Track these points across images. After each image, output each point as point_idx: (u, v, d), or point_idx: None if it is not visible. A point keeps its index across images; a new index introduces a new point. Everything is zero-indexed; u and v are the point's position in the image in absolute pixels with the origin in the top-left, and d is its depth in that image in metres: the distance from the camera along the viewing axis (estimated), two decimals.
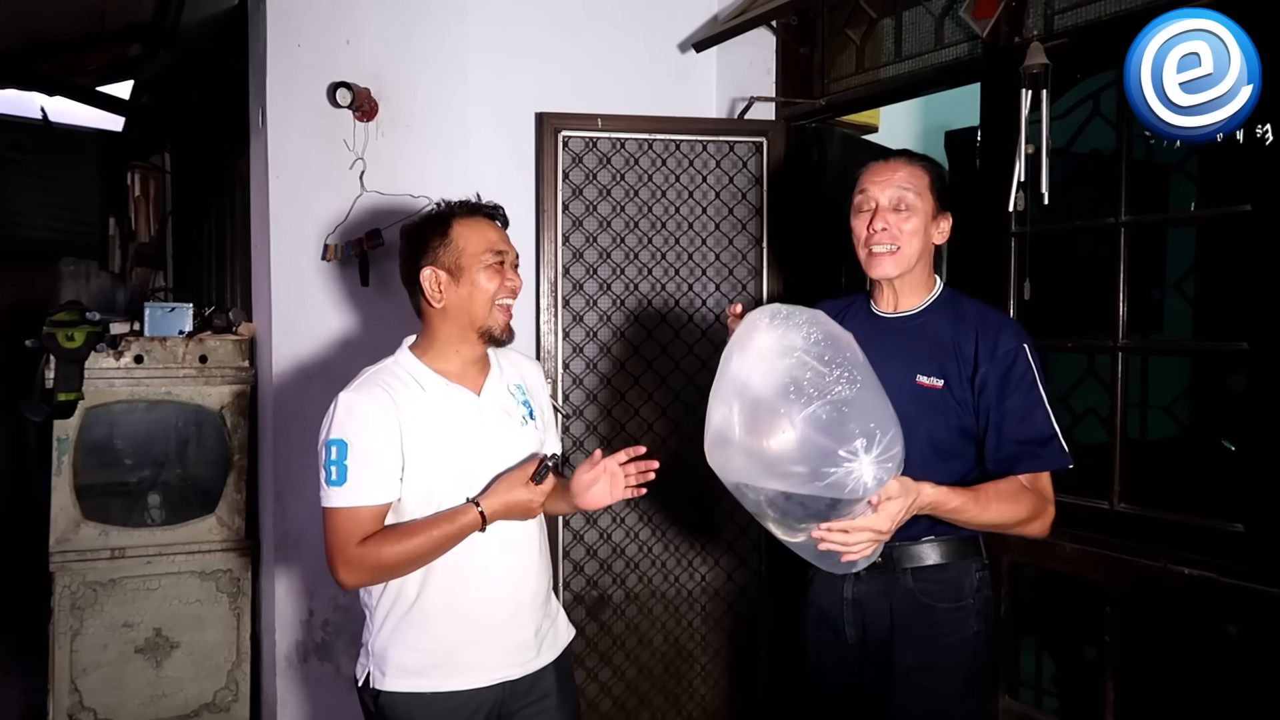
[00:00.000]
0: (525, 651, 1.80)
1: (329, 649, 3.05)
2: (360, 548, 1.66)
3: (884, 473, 1.46)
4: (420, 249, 1.77)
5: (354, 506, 1.67)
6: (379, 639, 1.76)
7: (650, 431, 3.04)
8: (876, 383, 1.55)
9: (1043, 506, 1.74)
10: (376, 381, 1.73)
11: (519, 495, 1.73)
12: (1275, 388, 1.88)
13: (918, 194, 1.82)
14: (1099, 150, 2.53)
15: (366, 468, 1.67)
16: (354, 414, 1.68)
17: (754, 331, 1.56)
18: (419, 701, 1.72)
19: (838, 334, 1.58)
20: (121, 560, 3.15)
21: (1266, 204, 1.88)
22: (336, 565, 1.67)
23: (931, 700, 1.77)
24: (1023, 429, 1.74)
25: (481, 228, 1.78)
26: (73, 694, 3.09)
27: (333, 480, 1.67)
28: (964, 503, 1.68)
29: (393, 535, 1.68)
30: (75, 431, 3.13)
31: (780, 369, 1.49)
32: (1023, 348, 1.76)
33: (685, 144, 3.06)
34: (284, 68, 2.97)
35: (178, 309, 3.31)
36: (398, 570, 1.70)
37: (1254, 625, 1.90)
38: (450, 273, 1.75)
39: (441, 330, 1.79)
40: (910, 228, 1.82)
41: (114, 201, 5.88)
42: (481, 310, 1.75)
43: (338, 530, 1.67)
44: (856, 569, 1.65)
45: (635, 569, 3.07)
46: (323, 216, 2.96)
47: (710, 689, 3.12)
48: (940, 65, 2.60)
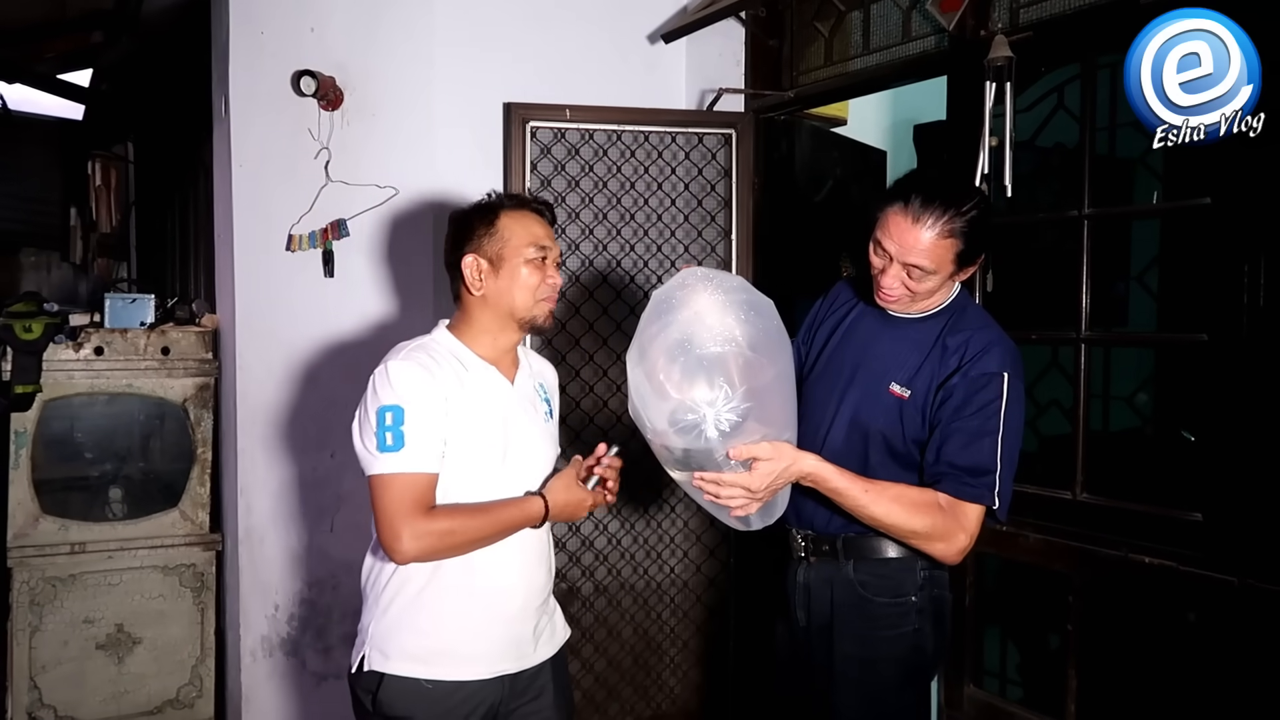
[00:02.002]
0: (525, 646, 1.78)
1: (295, 643, 3.02)
2: (429, 516, 1.62)
3: (727, 425, 1.53)
4: (465, 235, 1.76)
5: (415, 473, 1.62)
6: (384, 621, 1.71)
7: (619, 424, 3.03)
8: (781, 365, 1.61)
9: (951, 531, 1.66)
10: (419, 355, 1.71)
11: (576, 494, 1.76)
12: (1233, 379, 1.91)
13: (936, 268, 1.69)
14: (1063, 144, 2.55)
15: (424, 434, 1.63)
16: (407, 381, 1.65)
17: (684, 289, 1.62)
18: (421, 689, 1.67)
19: (760, 304, 1.63)
20: (82, 555, 3.10)
21: (1225, 197, 1.91)
22: (400, 531, 1.59)
23: (866, 690, 1.77)
24: (963, 454, 1.67)
25: (528, 221, 1.77)
26: (32, 691, 3.04)
27: (388, 446, 1.61)
28: (847, 487, 1.65)
29: (463, 510, 1.66)
30: (34, 425, 3.07)
31: (694, 325, 1.55)
32: (1000, 375, 1.68)
33: (654, 135, 3.05)
34: (247, 55, 2.93)
35: (139, 300, 3.26)
36: (460, 547, 1.66)
37: (1211, 613, 1.93)
38: (492, 262, 1.74)
39: (480, 317, 1.77)
40: (923, 288, 1.73)
41: (75, 191, 5.79)
42: (524, 302, 1.75)
43: (399, 497, 1.61)
44: (750, 527, 1.68)
45: (604, 561, 3.06)
46: (287, 206, 2.92)
47: (679, 681, 3.13)
48: (908, 58, 2.61)
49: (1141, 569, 2.04)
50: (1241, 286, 1.88)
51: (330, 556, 3.00)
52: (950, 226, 1.66)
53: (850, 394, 1.80)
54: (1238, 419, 1.90)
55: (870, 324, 1.87)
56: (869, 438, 1.77)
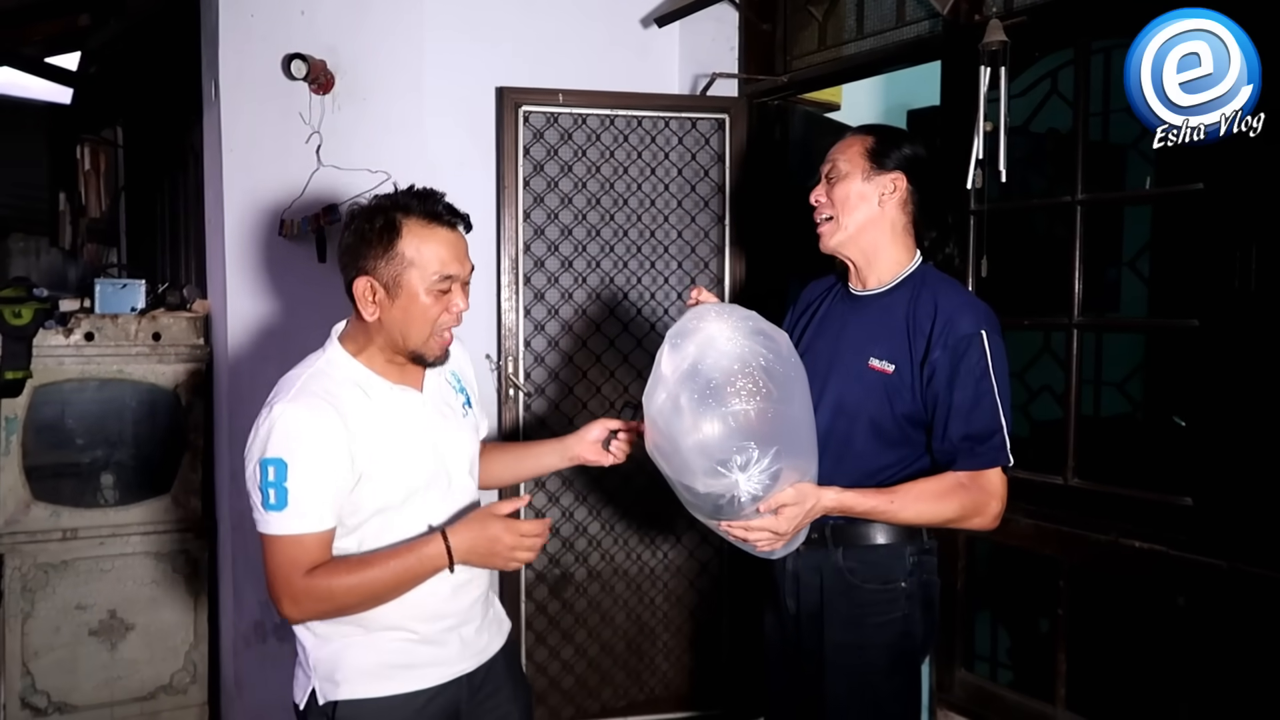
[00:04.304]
0: (477, 642, 1.71)
1: (288, 630, 3.01)
2: (308, 579, 1.48)
3: (759, 488, 1.53)
4: (359, 252, 1.54)
5: (298, 534, 1.48)
6: (326, 649, 1.59)
7: (612, 410, 3.03)
8: (799, 396, 1.60)
9: (983, 503, 1.69)
10: (314, 390, 1.53)
11: (491, 531, 1.54)
12: (1225, 365, 1.91)
13: (848, 160, 1.80)
14: (1056, 129, 2.55)
15: (310, 490, 1.48)
16: (294, 429, 1.48)
17: (702, 323, 1.59)
18: (380, 706, 1.57)
19: (777, 339, 1.61)
20: (74, 541, 3.09)
21: (1217, 182, 1.91)
22: (281, 598, 1.50)
23: (856, 676, 1.79)
24: (967, 424, 1.69)
25: (435, 241, 1.53)
26: (25, 677, 3.04)
27: (271, 504, 1.47)
28: (876, 504, 1.67)
29: (345, 566, 1.51)
30: (24, 411, 3.06)
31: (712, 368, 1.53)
32: (979, 334, 1.69)
33: (648, 120, 3.04)
34: (237, 38, 2.90)
35: (130, 285, 3.24)
36: (352, 606, 1.52)
37: (1201, 596, 1.94)
38: (387, 288, 1.53)
39: (375, 337, 1.59)
40: (839, 194, 1.80)
41: (64, 176, 5.73)
42: (417, 335, 1.56)
43: (280, 559, 1.49)
44: (775, 556, 1.69)
45: (598, 547, 3.07)
46: (278, 191, 2.90)
47: (672, 665, 3.14)
48: (901, 43, 2.60)
49: (1132, 553, 2.05)
50: (1233, 272, 1.88)
51: None
52: (857, 132, 1.86)
53: (831, 381, 1.80)
54: (1229, 404, 1.91)
55: (839, 310, 1.90)
56: (854, 421, 1.77)
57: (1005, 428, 1.69)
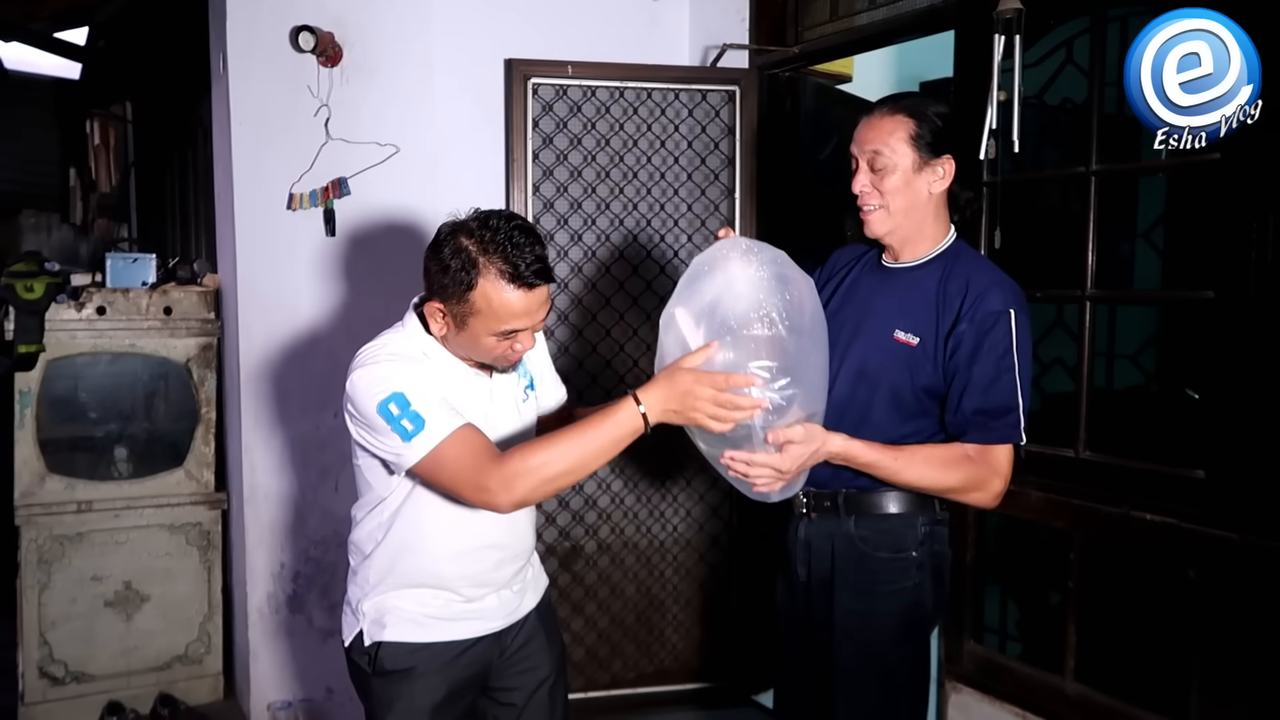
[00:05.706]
0: (513, 600, 1.79)
1: (301, 600, 3.05)
2: (502, 462, 1.47)
3: (777, 401, 1.52)
4: (436, 279, 1.56)
5: (455, 432, 1.50)
6: (375, 596, 1.69)
7: (622, 384, 3.03)
8: (819, 340, 1.59)
9: (985, 478, 1.69)
10: (393, 352, 1.60)
11: (683, 385, 1.46)
12: (1239, 337, 1.90)
13: (893, 150, 1.75)
14: (1070, 99, 2.52)
15: (435, 402, 1.52)
16: (389, 371, 1.54)
17: (727, 260, 1.56)
18: (419, 648, 1.67)
19: (802, 283, 1.59)
20: (89, 514, 3.12)
21: (1235, 153, 1.89)
22: (488, 485, 1.47)
23: (866, 644, 1.79)
24: (984, 398, 1.69)
25: (509, 298, 1.52)
26: (42, 647, 3.08)
27: (411, 432, 1.49)
28: (878, 459, 1.67)
29: (536, 444, 1.51)
30: (38, 384, 3.08)
31: (734, 300, 1.51)
32: (1007, 312, 1.69)
33: (657, 92, 3.02)
34: (245, 10, 2.89)
35: (141, 260, 3.25)
36: (560, 476, 1.48)
37: (1212, 569, 1.94)
38: (454, 320, 1.57)
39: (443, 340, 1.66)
40: (889, 185, 1.76)
41: (74, 152, 5.74)
42: (480, 358, 1.63)
43: (458, 464, 1.49)
44: (771, 499, 1.68)
45: (608, 520, 3.08)
46: (287, 165, 2.90)
47: (682, 638, 3.16)
48: (914, 12, 2.57)
49: (1143, 526, 2.05)
50: (1250, 243, 1.86)
51: (334, 515, 3.01)
52: (901, 113, 1.76)
53: (855, 346, 1.80)
54: (1243, 376, 1.89)
55: (870, 280, 1.88)
56: (876, 388, 1.76)
57: (1022, 407, 1.69)
